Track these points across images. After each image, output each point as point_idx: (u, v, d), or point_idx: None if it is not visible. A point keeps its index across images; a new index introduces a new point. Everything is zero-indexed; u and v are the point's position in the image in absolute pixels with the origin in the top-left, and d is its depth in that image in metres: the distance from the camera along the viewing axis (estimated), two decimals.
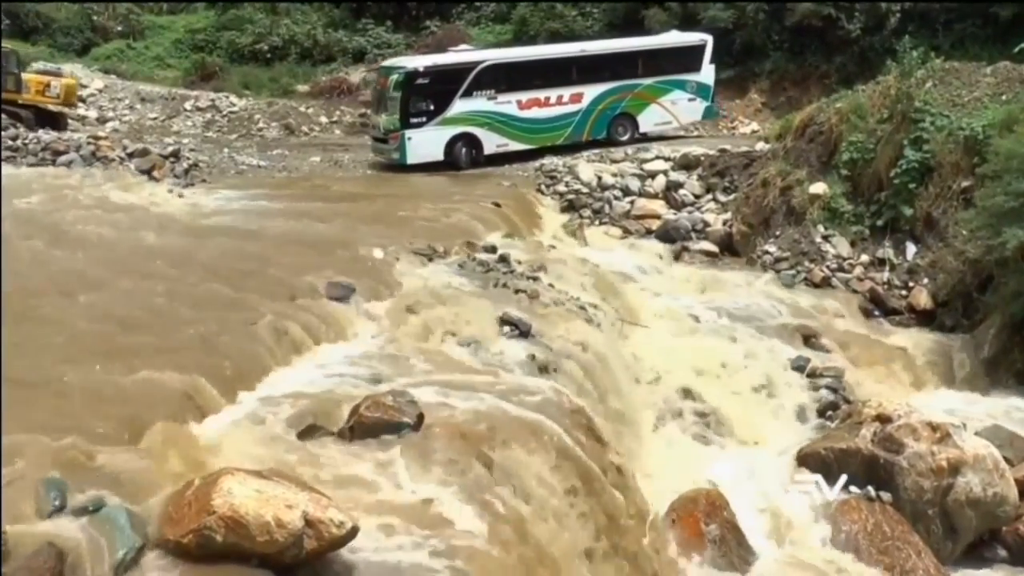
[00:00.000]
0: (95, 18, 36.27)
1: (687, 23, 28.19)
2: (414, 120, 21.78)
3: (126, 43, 35.58)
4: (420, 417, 7.34)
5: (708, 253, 18.16)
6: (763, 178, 18.22)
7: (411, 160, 21.62)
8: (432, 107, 21.95)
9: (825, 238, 17.04)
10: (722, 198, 19.23)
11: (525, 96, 22.69)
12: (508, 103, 22.51)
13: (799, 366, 13.56)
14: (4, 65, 22.20)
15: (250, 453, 6.66)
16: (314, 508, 5.44)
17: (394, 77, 21.83)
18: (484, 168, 22.09)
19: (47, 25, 34.95)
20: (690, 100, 24.39)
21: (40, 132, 20.66)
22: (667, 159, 20.49)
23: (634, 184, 19.97)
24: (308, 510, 5.39)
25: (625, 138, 23.59)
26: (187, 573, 5.24)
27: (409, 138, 21.67)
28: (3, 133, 20.02)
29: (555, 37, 28.51)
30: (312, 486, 5.89)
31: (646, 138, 23.72)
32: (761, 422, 12.55)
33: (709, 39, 24.75)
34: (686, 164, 20.20)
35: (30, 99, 21.74)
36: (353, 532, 5.54)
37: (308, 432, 7.16)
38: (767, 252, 17.39)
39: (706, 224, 18.72)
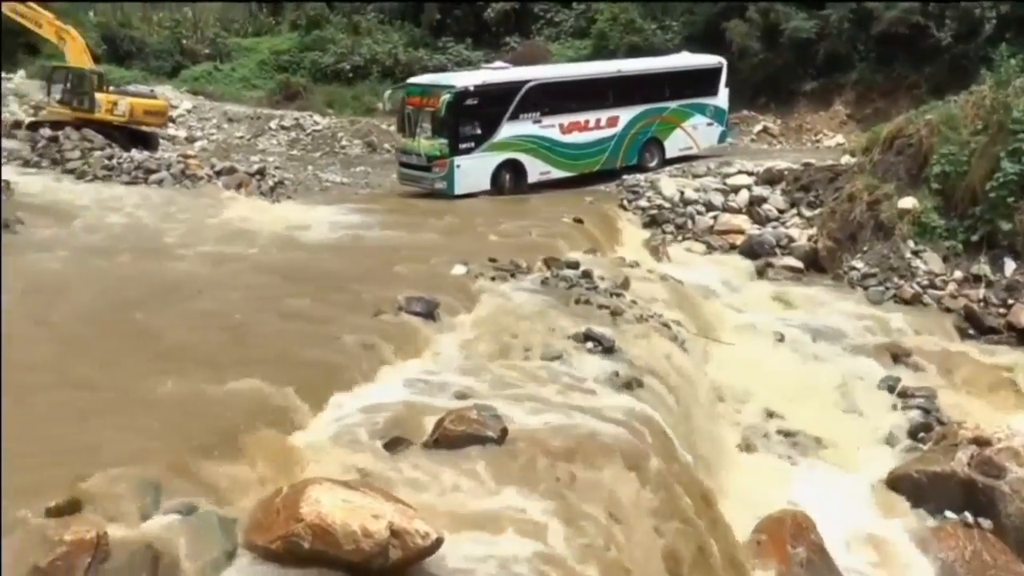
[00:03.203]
0: (184, 42, 37.72)
1: (769, 35, 27.83)
2: (463, 145, 19.98)
3: (213, 65, 36.82)
4: (504, 431, 7.34)
5: (793, 269, 17.79)
6: (849, 192, 17.82)
7: (459, 190, 19.91)
8: (480, 131, 20.22)
9: (915, 254, 16.55)
10: (807, 213, 18.85)
11: (567, 119, 21.23)
12: (552, 127, 21.03)
13: (889, 386, 13.20)
14: (77, 85, 23.14)
15: (337, 463, 6.76)
16: (400, 519, 5.48)
17: (445, 97, 19.76)
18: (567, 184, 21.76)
19: (140, 49, 36.55)
20: (708, 125, 23.60)
21: (133, 152, 21.43)
22: (750, 173, 20.21)
23: (717, 199, 19.73)
24: (394, 520, 5.44)
25: (653, 164, 22.46)
26: None
27: (458, 166, 19.87)
28: (99, 153, 20.83)
29: (634, 51, 28.36)
30: (398, 497, 5.93)
31: (669, 164, 22.58)
32: (849, 443, 12.20)
33: (724, 62, 24.12)
34: (770, 178, 19.89)
35: (101, 117, 22.57)
36: (438, 543, 5.56)
37: (394, 444, 7.21)
38: (854, 268, 16.99)
39: (791, 239, 18.36)
